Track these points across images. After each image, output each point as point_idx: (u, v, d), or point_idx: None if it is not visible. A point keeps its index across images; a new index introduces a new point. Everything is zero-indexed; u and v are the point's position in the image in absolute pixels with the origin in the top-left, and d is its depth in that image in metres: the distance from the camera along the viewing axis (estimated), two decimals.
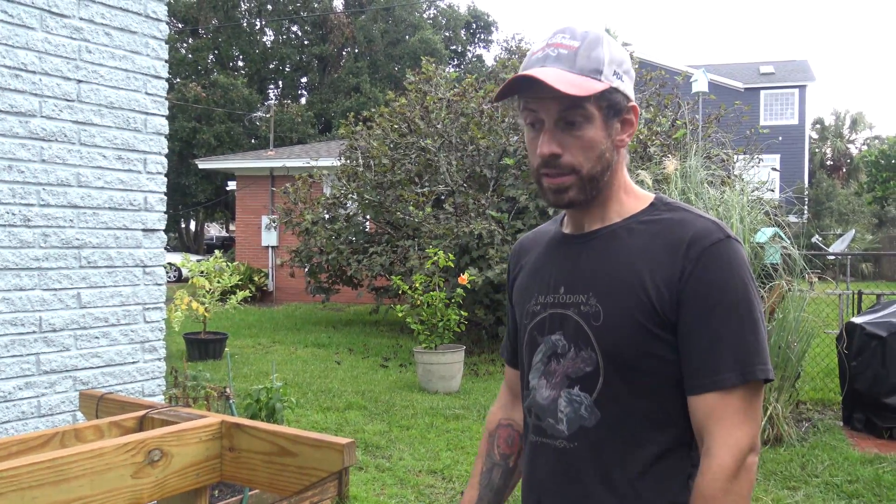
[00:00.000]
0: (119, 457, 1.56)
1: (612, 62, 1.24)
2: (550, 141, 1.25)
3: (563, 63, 1.22)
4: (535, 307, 1.38)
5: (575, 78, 1.21)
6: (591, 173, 1.26)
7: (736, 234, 1.33)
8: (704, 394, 1.19)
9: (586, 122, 1.24)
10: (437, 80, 12.21)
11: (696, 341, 1.20)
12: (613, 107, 1.26)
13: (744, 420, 1.18)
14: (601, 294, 1.27)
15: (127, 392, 3.30)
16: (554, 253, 1.41)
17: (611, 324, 1.24)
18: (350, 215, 12.52)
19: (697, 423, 1.21)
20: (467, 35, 38.91)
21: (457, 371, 7.78)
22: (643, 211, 1.32)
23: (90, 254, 3.19)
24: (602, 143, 1.26)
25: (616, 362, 1.24)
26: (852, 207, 30.19)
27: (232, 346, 10.14)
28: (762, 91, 30.39)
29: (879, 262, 25.62)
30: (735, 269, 1.22)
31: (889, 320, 5.84)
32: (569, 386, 1.29)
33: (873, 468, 5.02)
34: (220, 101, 29.22)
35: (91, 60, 3.17)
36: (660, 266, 1.23)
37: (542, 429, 1.33)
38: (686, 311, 1.21)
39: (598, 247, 1.32)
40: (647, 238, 1.27)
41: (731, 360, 1.18)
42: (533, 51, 1.28)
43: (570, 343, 1.30)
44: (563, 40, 1.24)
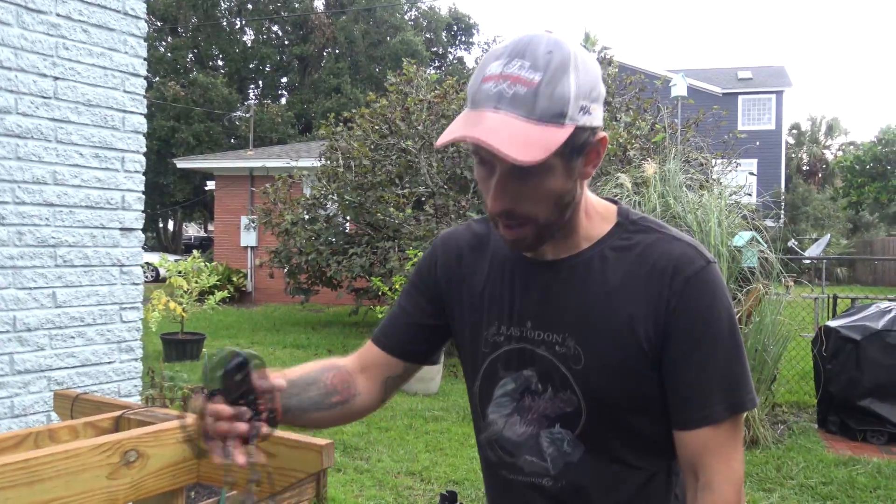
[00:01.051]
0: (94, 457, 1.54)
1: (580, 95, 1.05)
2: (502, 196, 1.10)
3: (519, 107, 1.02)
4: (496, 337, 1.26)
5: (533, 132, 1.01)
6: (548, 221, 1.13)
7: (714, 239, 1.29)
8: (696, 429, 1.15)
9: (544, 173, 1.08)
10: (418, 81, 12.20)
11: (683, 375, 1.15)
12: (578, 148, 1.09)
13: (735, 449, 1.16)
14: (580, 335, 1.18)
15: (103, 392, 3.27)
16: (514, 278, 1.26)
17: (594, 367, 1.17)
18: (330, 216, 12.47)
19: (689, 457, 1.16)
20: (448, 37, 38.94)
21: (436, 373, 7.77)
22: (611, 234, 1.21)
23: (66, 252, 3.15)
24: (562, 188, 1.11)
25: (600, 405, 1.18)
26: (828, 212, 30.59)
27: (210, 347, 10.06)
28: (740, 96, 30.70)
29: (854, 267, 25.96)
30: (719, 298, 1.16)
31: (864, 324, 5.91)
32: (549, 426, 1.22)
33: (847, 470, 5.07)
34: (200, 101, 29.02)
35: (68, 57, 3.14)
36: (643, 302, 1.15)
37: (517, 467, 1.25)
38: (672, 345, 1.15)
39: (569, 279, 1.20)
40: (624, 269, 1.18)
41: (720, 393, 1.14)
42: (486, 74, 1.06)
43: (544, 383, 1.21)
44: (521, 72, 1.03)
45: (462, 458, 5.34)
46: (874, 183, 27.37)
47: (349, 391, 1.35)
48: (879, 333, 5.78)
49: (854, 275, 26.12)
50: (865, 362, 5.77)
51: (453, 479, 4.88)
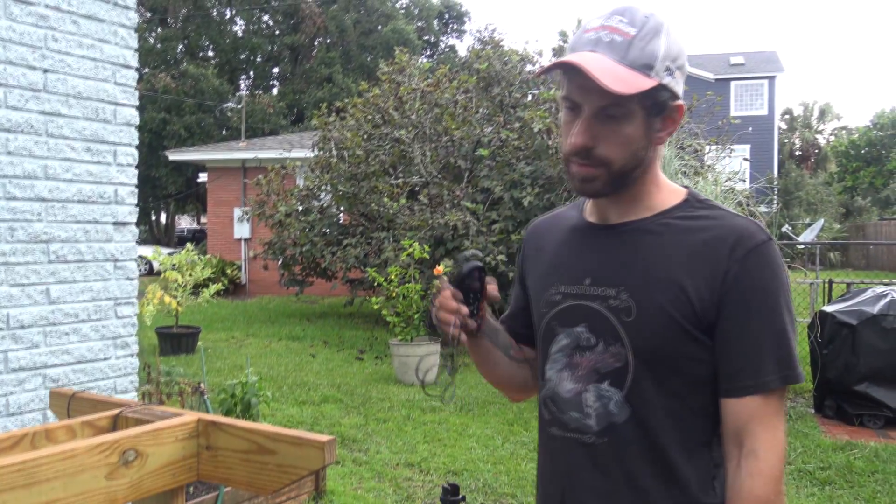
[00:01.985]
0: (93, 458, 1.52)
1: (667, 57, 1.17)
2: (585, 132, 1.20)
3: (614, 51, 1.15)
4: (554, 296, 1.33)
5: (623, 71, 1.14)
6: (621, 169, 1.22)
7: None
8: (747, 396, 1.18)
9: (626, 118, 1.18)
10: (411, 70, 12.14)
11: (738, 343, 1.18)
12: (658, 105, 1.20)
13: (782, 421, 1.19)
14: (633, 289, 1.23)
15: (99, 389, 3.24)
16: (578, 242, 1.36)
17: (644, 320, 1.21)
18: (324, 207, 12.42)
19: (736, 425, 1.19)
20: (440, 25, 38.78)
21: (433, 363, 7.77)
22: (677, 206, 1.28)
23: (59, 248, 3.12)
24: (639, 140, 1.21)
25: (647, 360, 1.21)
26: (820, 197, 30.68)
27: (205, 340, 10.03)
28: (732, 82, 30.66)
29: (847, 251, 26.05)
30: (777, 272, 1.20)
31: (859, 309, 5.93)
32: (598, 381, 1.25)
33: (845, 455, 5.09)
34: (191, 92, 28.85)
35: (58, 49, 3.09)
36: (701, 265, 1.19)
37: (563, 422, 1.30)
38: (728, 313, 1.18)
39: (630, 240, 1.27)
40: (684, 235, 1.23)
41: (773, 363, 1.17)
42: (586, 27, 1.20)
43: (596, 337, 1.26)
44: (620, 24, 1.17)
45: (460, 448, 5.34)
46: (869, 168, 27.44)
47: (523, 353, 1.48)
48: (875, 318, 5.80)
49: (847, 259, 26.22)
50: (861, 347, 5.79)
51: (452, 470, 4.87)
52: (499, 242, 9.49)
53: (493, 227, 9.62)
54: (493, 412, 6.37)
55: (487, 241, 9.35)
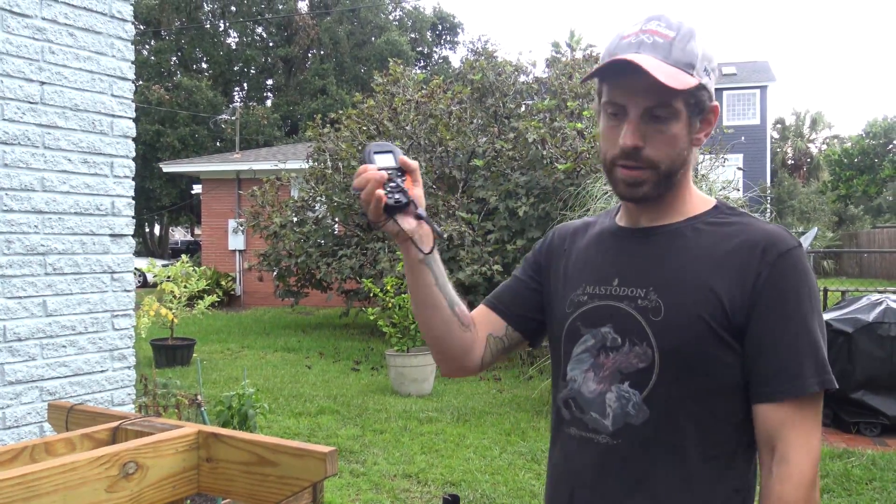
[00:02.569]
0: (93, 470, 1.51)
1: (704, 58, 1.21)
2: (634, 132, 1.20)
3: (658, 52, 1.17)
4: (580, 297, 1.32)
5: (670, 69, 1.16)
6: (669, 170, 1.22)
7: None
8: (783, 400, 1.15)
9: (673, 117, 1.20)
10: (405, 81, 12.18)
11: (773, 346, 1.17)
12: (699, 104, 1.22)
13: (816, 426, 1.17)
14: (662, 289, 1.22)
15: (95, 402, 3.22)
16: (607, 244, 1.35)
17: (673, 320, 1.20)
18: (319, 218, 12.42)
19: (769, 430, 1.17)
20: (433, 36, 38.90)
21: (429, 373, 7.75)
22: (707, 212, 1.29)
23: (56, 260, 3.11)
24: (683, 140, 1.22)
25: (673, 361, 1.19)
26: (813, 205, 30.81)
27: (200, 352, 9.99)
28: (725, 91, 30.80)
29: (840, 259, 26.15)
30: (808, 277, 1.20)
31: (855, 316, 5.94)
32: (620, 381, 1.23)
33: (842, 463, 5.09)
34: (184, 104, 28.85)
35: (55, 62, 3.09)
36: (731, 268, 1.19)
37: (583, 422, 1.28)
38: (761, 316, 1.17)
39: (661, 242, 1.27)
40: (714, 239, 1.24)
41: (811, 366, 1.15)
42: (623, 34, 1.22)
43: (622, 337, 1.24)
44: (658, 28, 1.20)
45: (458, 458, 5.32)
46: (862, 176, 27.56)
47: (467, 318, 1.41)
48: (871, 326, 5.81)
49: (841, 267, 26.31)
50: (857, 355, 5.80)
51: (450, 481, 4.86)
52: (494, 252, 9.50)
53: (488, 236, 9.63)
54: (490, 422, 6.35)
55: (483, 251, 9.35)
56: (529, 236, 9.45)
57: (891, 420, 5.75)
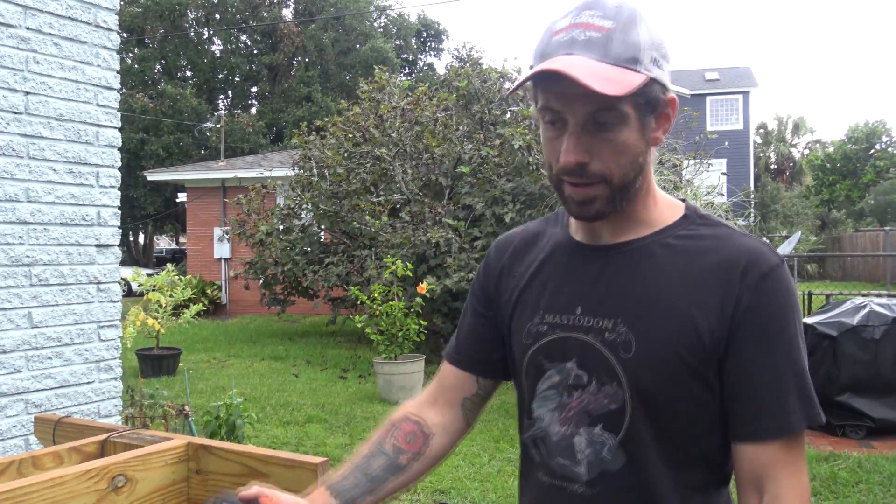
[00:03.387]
0: (81, 484, 1.50)
1: (651, 46, 1.02)
2: (576, 146, 1.04)
3: (593, 50, 1.00)
4: (539, 327, 1.17)
5: (609, 70, 0.99)
6: (622, 182, 1.06)
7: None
8: (769, 440, 1.04)
9: (620, 122, 1.03)
10: (391, 88, 12.19)
11: (754, 381, 1.04)
12: (650, 102, 1.05)
13: (804, 463, 1.06)
14: (632, 321, 1.08)
15: (82, 413, 3.20)
16: (564, 263, 1.19)
17: (646, 358, 1.06)
18: (305, 226, 12.39)
19: (755, 471, 1.05)
20: (418, 43, 38.98)
21: (417, 381, 7.74)
22: (677, 223, 1.14)
23: (41, 271, 3.08)
24: (636, 145, 1.05)
25: (647, 402, 1.07)
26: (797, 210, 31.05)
27: (186, 362, 9.93)
28: (708, 97, 31.03)
29: (823, 263, 26.36)
30: (792, 301, 1.07)
31: (839, 320, 5.98)
32: (590, 424, 1.11)
33: (829, 466, 5.13)
34: (169, 112, 28.73)
35: (39, 71, 3.07)
36: (709, 293, 1.05)
37: (551, 468, 1.16)
38: (741, 347, 1.04)
39: (626, 263, 1.12)
40: (688, 257, 1.09)
41: (796, 401, 1.04)
42: (555, 29, 1.04)
43: (589, 375, 1.11)
44: (593, 19, 1.01)
45: (446, 466, 5.31)
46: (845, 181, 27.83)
47: (418, 442, 1.29)
48: (855, 329, 5.86)
49: (824, 270, 26.53)
50: (842, 358, 5.84)
51: (439, 489, 4.85)
52: (481, 259, 9.51)
53: (474, 243, 9.64)
54: (478, 429, 6.35)
55: (470, 258, 9.36)
56: None
57: (876, 422, 5.79)
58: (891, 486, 4.74)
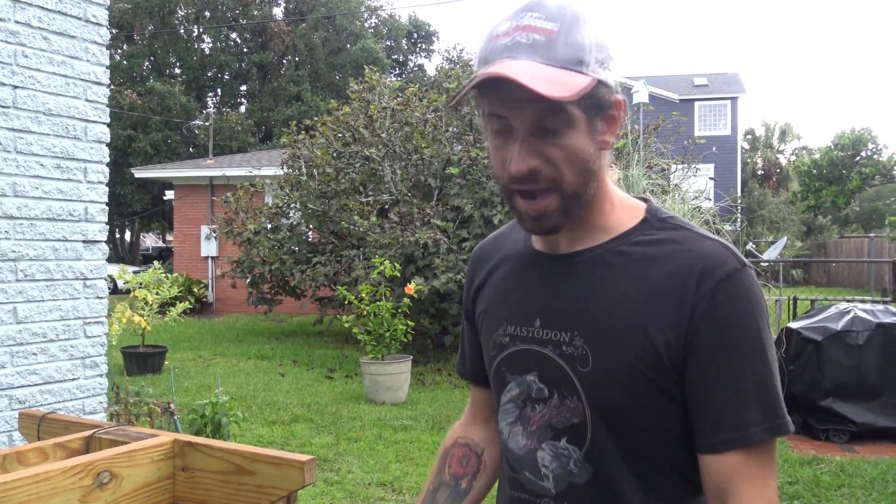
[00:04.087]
0: (66, 480, 1.49)
1: (596, 47, 0.99)
2: (525, 154, 1.00)
3: (538, 53, 0.96)
4: (502, 338, 1.17)
5: (555, 73, 0.96)
6: (575, 189, 1.03)
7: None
8: (729, 452, 1.01)
9: (568, 127, 1.00)
10: (381, 89, 12.18)
11: (713, 392, 1.01)
12: (598, 104, 1.02)
13: (770, 475, 1.03)
14: (589, 334, 1.06)
15: (66, 410, 3.18)
16: (524, 274, 1.18)
17: (602, 372, 1.04)
18: (293, 225, 12.36)
19: (718, 483, 1.02)
20: (409, 44, 38.97)
21: (404, 381, 7.74)
22: (635, 228, 1.10)
23: (27, 266, 3.06)
24: (586, 149, 1.02)
25: (607, 416, 1.05)
26: (783, 215, 31.26)
27: (172, 360, 9.88)
28: (696, 102, 31.21)
29: (808, 268, 26.55)
30: (754, 306, 1.02)
31: (824, 325, 6.03)
32: (553, 438, 1.09)
33: (812, 469, 5.16)
34: (157, 109, 28.60)
35: (27, 65, 3.06)
36: (664, 303, 1.02)
37: (519, 482, 1.15)
38: (699, 358, 1.01)
39: (583, 273, 1.10)
40: (644, 266, 1.06)
41: (757, 412, 1.00)
42: (496, 33, 1.01)
43: (549, 388, 1.09)
44: (535, 21, 0.98)
45: (432, 467, 5.31)
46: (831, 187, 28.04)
47: (472, 462, 1.34)
48: (839, 334, 5.90)
49: (809, 276, 26.72)
50: (826, 363, 5.89)
51: None
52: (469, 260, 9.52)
53: (463, 245, 9.65)
54: None
55: (458, 259, 9.37)
56: None
57: (859, 427, 5.84)
58: (873, 490, 4.78)
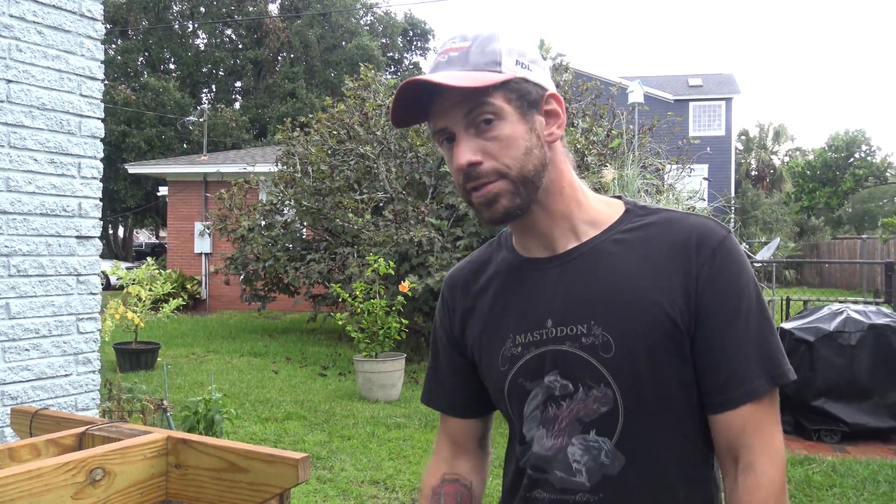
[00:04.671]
0: (59, 477, 1.48)
1: (512, 52, 1.09)
2: (465, 148, 1.08)
3: (454, 65, 1.08)
4: (513, 350, 1.18)
5: (467, 74, 1.06)
6: (522, 173, 1.09)
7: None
8: (738, 407, 1.07)
9: (498, 118, 1.08)
10: (376, 86, 12.16)
11: (720, 351, 1.08)
12: (525, 98, 1.10)
13: (776, 425, 1.09)
14: (606, 321, 1.10)
15: (59, 406, 3.16)
16: (521, 284, 1.20)
17: (626, 353, 1.08)
18: (287, 222, 12.34)
19: (730, 439, 1.08)
20: (404, 42, 38.92)
21: (397, 379, 7.73)
22: (622, 219, 1.17)
23: (20, 262, 3.05)
24: (524, 138, 1.09)
25: (638, 396, 1.09)
26: (776, 216, 31.34)
27: (165, 356, 9.86)
28: (691, 103, 31.26)
29: (801, 269, 26.64)
30: (745, 267, 1.11)
31: (816, 325, 6.05)
32: (582, 431, 1.12)
33: (803, 469, 5.18)
34: (151, 105, 28.50)
35: (21, 60, 3.04)
36: (670, 274, 1.09)
37: (550, 484, 1.15)
38: (707, 320, 1.08)
39: (584, 267, 1.14)
40: (643, 245, 1.12)
41: (759, 365, 1.07)
42: (429, 65, 1.14)
43: (573, 382, 1.12)
44: (454, 44, 1.11)
45: (425, 465, 5.31)
46: (824, 188, 28.11)
47: (465, 497, 1.37)
48: (832, 335, 5.92)
49: (802, 276, 26.81)
50: (818, 363, 5.90)
51: (418, 487, 4.85)
52: (463, 258, 9.52)
53: (457, 243, 9.65)
54: None
55: (452, 258, 9.37)
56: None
57: (850, 427, 5.86)
58: (863, 490, 4.80)
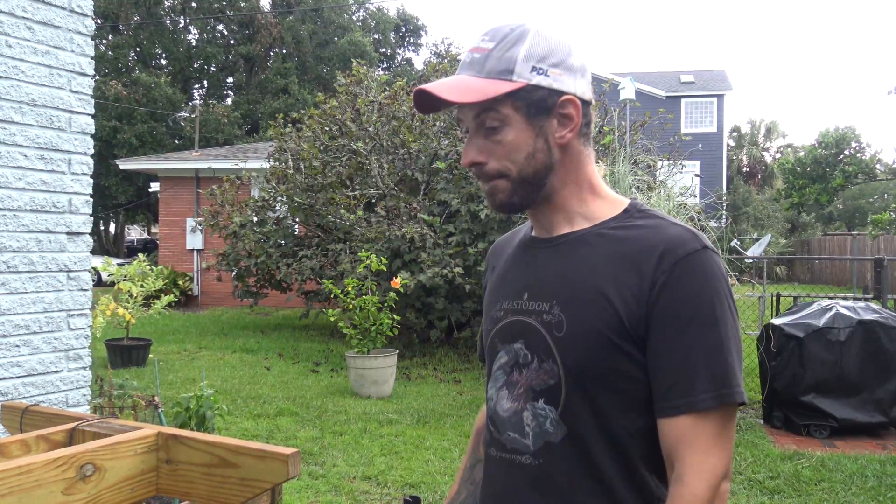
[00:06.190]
0: (49, 473, 1.49)
1: (531, 58, 1.16)
2: (470, 150, 1.21)
3: (472, 68, 1.17)
4: (497, 313, 1.30)
5: (476, 83, 1.15)
6: (522, 175, 1.20)
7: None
8: (677, 416, 1.10)
9: (503, 125, 1.17)
10: (368, 82, 12.15)
11: (667, 359, 1.11)
12: (536, 104, 1.17)
13: (717, 445, 1.10)
14: (565, 302, 1.18)
15: (49, 402, 3.16)
16: (520, 257, 1.33)
17: (573, 335, 1.16)
18: (280, 218, 12.32)
19: (668, 448, 1.12)
20: (396, 38, 38.87)
21: (389, 375, 7.74)
22: (616, 217, 1.23)
23: (10, 258, 3.04)
24: (528, 143, 1.18)
25: (578, 376, 1.16)
26: (767, 213, 31.45)
27: (156, 353, 9.84)
28: (683, 99, 31.34)
29: (792, 265, 26.76)
30: (711, 282, 1.12)
31: (806, 321, 6.09)
32: (533, 398, 1.20)
33: (793, 464, 5.22)
34: (142, 100, 28.38)
35: (11, 55, 3.03)
36: (628, 276, 1.14)
37: (501, 443, 1.25)
38: (657, 327, 1.12)
39: (566, 252, 1.23)
40: (616, 245, 1.18)
41: (706, 380, 1.09)
42: (465, 51, 1.23)
43: (532, 353, 1.21)
44: (482, 43, 1.19)
45: (417, 461, 5.33)
46: (815, 185, 28.22)
47: None
48: (821, 331, 5.96)
49: (793, 273, 26.92)
50: (808, 359, 5.94)
51: (409, 483, 4.86)
52: (455, 255, 9.53)
53: (449, 239, 9.65)
54: (449, 424, 6.37)
55: (444, 254, 9.37)
56: (491, 239, 9.49)
57: (840, 422, 5.91)
58: (852, 484, 4.84)
